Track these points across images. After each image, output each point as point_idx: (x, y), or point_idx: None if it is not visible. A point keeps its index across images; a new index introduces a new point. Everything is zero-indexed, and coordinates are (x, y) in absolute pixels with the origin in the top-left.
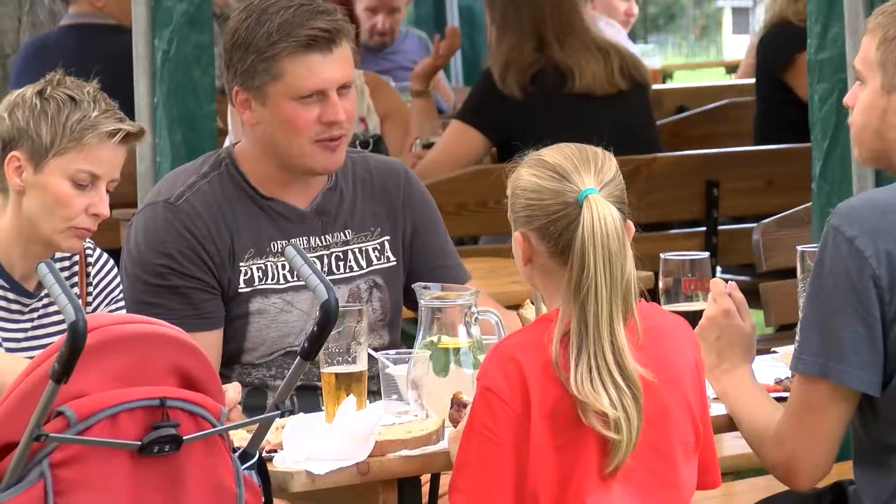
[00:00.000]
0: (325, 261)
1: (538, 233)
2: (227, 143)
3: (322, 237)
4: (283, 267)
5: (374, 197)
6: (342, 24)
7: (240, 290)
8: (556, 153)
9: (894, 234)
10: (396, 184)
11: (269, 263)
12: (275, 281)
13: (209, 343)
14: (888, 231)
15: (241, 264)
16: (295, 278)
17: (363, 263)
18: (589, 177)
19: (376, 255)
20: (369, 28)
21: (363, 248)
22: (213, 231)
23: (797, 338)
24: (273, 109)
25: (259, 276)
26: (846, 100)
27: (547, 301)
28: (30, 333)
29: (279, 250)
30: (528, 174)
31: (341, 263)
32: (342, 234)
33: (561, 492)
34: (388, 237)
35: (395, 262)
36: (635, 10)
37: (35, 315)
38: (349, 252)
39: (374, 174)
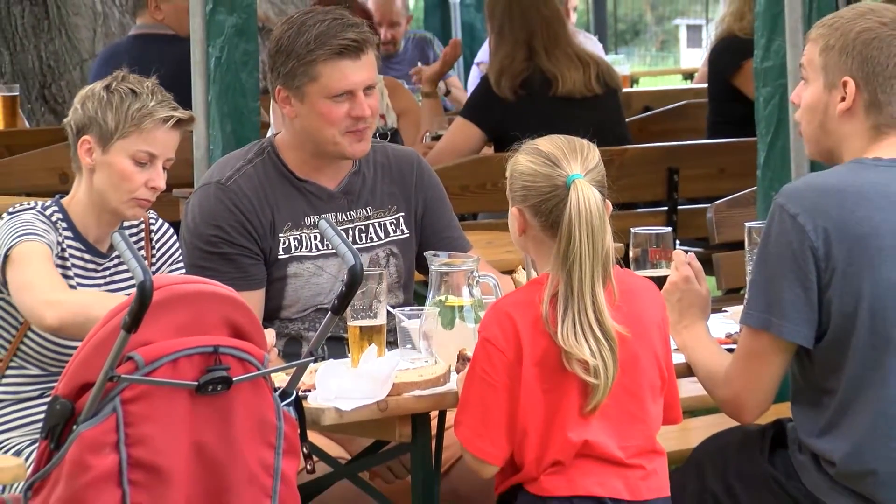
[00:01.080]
0: (350, 233)
1: (532, 209)
2: (269, 134)
3: (347, 213)
4: (316, 237)
5: (391, 180)
6: (368, 35)
7: (279, 257)
8: (549, 143)
9: (830, 213)
10: (410, 169)
11: (303, 235)
12: (308, 249)
13: (253, 301)
14: (825, 210)
15: (280, 235)
16: (325, 247)
17: (381, 235)
18: (576, 164)
19: (392, 228)
20: None
21: (382, 223)
22: (256, 207)
23: (746, 296)
24: (310, 106)
25: (295, 245)
26: (792, 97)
27: (538, 266)
28: (103, 288)
29: (312, 224)
30: (524, 160)
31: (363, 235)
32: (364, 210)
33: (547, 426)
34: (402, 213)
35: (408, 235)
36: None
37: (107, 273)
38: (370, 225)
39: (391, 160)
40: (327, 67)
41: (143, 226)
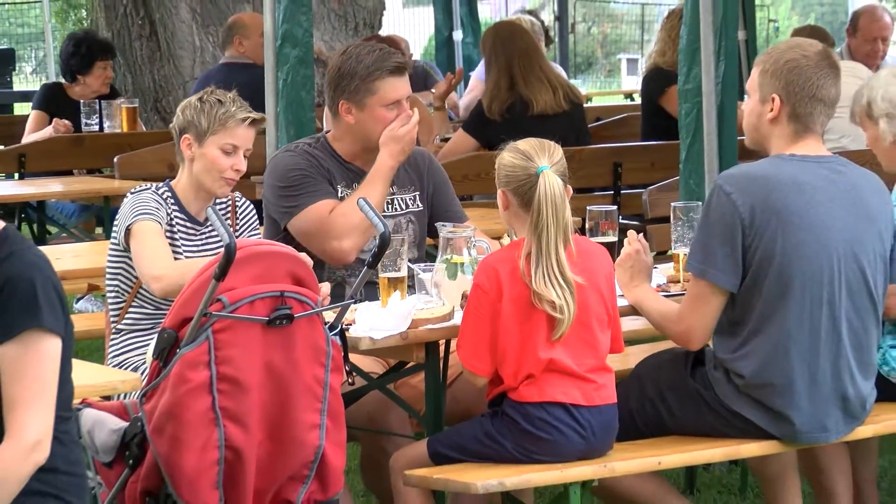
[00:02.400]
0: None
1: (512, 192)
2: None
3: None
4: None
5: (410, 167)
6: (406, 60)
7: None
8: (525, 144)
9: (755, 194)
10: (423, 161)
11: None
12: None
13: (332, 205)
14: (752, 192)
15: (337, 186)
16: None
17: (403, 207)
18: (544, 159)
19: (411, 203)
20: None
21: (403, 198)
22: (320, 162)
23: (690, 249)
24: (369, 113)
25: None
26: (742, 105)
27: (517, 233)
28: (200, 248)
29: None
30: (507, 156)
31: (390, 206)
32: (391, 188)
33: (521, 348)
34: (418, 192)
35: (421, 208)
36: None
37: (203, 237)
38: (395, 199)
39: (413, 154)
40: (384, 84)
41: (230, 202)
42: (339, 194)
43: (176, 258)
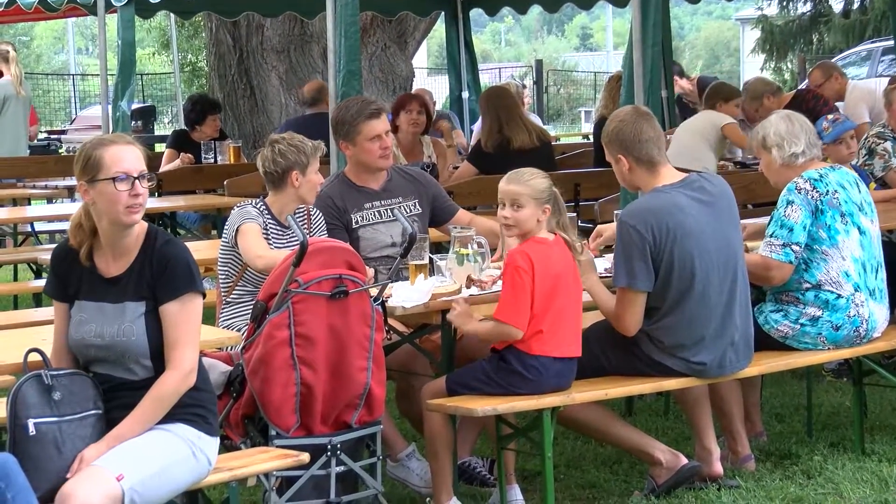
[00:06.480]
0: (391, 211)
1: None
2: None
3: (386, 201)
4: (373, 216)
5: (409, 182)
6: (383, 105)
7: (353, 226)
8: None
9: (651, 220)
10: (419, 176)
11: (364, 213)
12: (367, 221)
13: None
14: (648, 219)
15: (351, 214)
16: (374, 219)
17: (408, 211)
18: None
19: (412, 208)
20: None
21: (406, 205)
22: (336, 202)
23: (614, 269)
24: (359, 146)
25: (360, 220)
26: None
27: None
28: (285, 244)
29: (369, 207)
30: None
31: (398, 211)
32: (396, 199)
33: (545, 305)
34: (416, 200)
35: (421, 210)
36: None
37: (287, 237)
38: (401, 206)
39: (411, 173)
40: (365, 125)
41: (305, 212)
42: (353, 220)
43: None
